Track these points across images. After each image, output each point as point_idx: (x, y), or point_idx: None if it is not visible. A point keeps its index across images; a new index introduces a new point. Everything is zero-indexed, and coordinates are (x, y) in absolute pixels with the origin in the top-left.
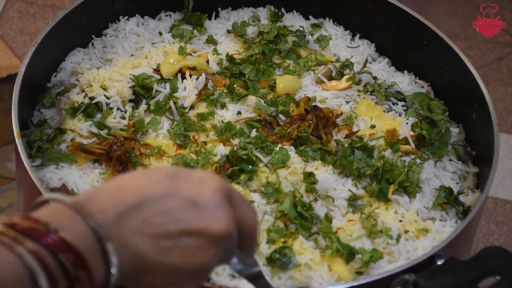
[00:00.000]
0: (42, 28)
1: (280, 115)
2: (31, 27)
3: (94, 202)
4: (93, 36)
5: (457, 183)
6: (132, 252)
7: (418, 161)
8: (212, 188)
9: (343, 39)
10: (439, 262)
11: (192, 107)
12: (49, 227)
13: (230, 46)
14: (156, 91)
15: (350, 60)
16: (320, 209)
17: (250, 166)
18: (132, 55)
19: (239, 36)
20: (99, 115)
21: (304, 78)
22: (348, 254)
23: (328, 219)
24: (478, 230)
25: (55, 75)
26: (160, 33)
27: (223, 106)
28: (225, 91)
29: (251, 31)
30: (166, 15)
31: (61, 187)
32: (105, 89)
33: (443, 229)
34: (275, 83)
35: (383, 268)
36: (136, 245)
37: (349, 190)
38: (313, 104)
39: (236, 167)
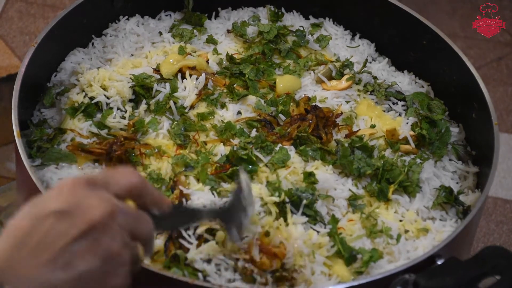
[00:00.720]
0: (42, 28)
1: (280, 115)
2: (31, 27)
3: None
4: (93, 36)
5: (457, 183)
6: (38, 286)
7: (418, 160)
8: (68, 190)
9: (343, 38)
10: (439, 262)
11: (192, 107)
12: None
13: (230, 46)
14: (156, 91)
15: (350, 60)
16: (320, 208)
17: (250, 166)
18: (132, 55)
19: (239, 36)
20: (99, 115)
21: (304, 78)
22: (349, 256)
23: (335, 219)
24: (478, 229)
25: (55, 75)
26: (160, 33)
27: (223, 106)
28: (225, 91)
29: (251, 30)
30: (166, 15)
31: None
32: (105, 89)
33: (443, 229)
34: (275, 82)
35: (383, 268)
36: (38, 276)
37: (349, 189)
38: (313, 103)
39: (236, 167)
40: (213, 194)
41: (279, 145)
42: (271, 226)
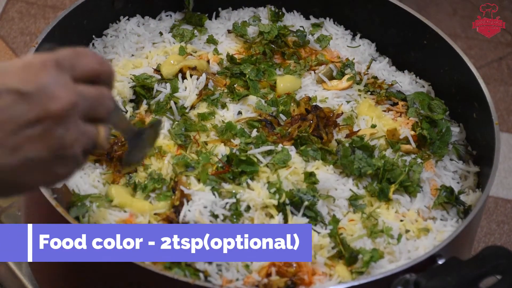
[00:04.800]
0: (43, 28)
1: (281, 115)
2: (31, 27)
3: None
4: (93, 36)
5: (458, 183)
6: None
7: (418, 160)
8: (37, 69)
9: (344, 38)
10: (440, 262)
11: (192, 107)
12: None
13: (230, 46)
14: (157, 91)
15: (351, 60)
16: (321, 208)
17: (251, 167)
18: (132, 55)
19: (240, 36)
20: None
21: (304, 78)
22: (350, 256)
23: (336, 220)
24: (479, 229)
25: None
26: (161, 33)
27: (223, 106)
28: (225, 91)
29: (251, 31)
30: (167, 15)
31: (62, 187)
32: None
33: (444, 229)
34: (275, 83)
35: (384, 268)
36: None
37: (350, 189)
38: (314, 103)
39: (237, 169)
40: (213, 194)
41: (280, 145)
42: None
